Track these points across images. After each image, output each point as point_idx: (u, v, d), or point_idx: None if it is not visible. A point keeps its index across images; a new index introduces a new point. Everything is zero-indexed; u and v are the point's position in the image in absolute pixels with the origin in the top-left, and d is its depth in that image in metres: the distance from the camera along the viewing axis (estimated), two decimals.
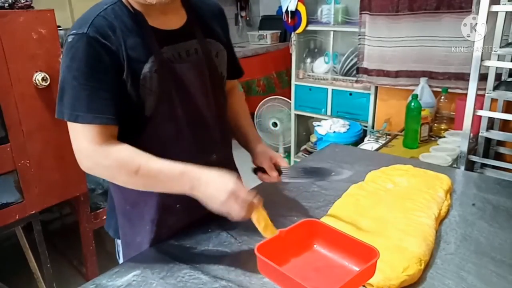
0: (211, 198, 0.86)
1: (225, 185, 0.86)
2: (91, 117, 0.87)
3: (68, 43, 0.87)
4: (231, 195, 0.84)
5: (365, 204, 1.06)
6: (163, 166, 0.88)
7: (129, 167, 0.87)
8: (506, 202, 1.12)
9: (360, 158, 1.46)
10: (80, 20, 0.89)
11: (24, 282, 2.08)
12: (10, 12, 1.59)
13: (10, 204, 1.68)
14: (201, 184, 0.87)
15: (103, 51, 0.86)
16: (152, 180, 0.89)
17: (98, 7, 0.91)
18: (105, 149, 0.88)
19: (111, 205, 1.10)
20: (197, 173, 0.88)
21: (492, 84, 1.80)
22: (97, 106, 0.87)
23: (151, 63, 0.90)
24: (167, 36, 0.94)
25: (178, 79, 0.95)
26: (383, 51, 2.41)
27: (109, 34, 0.87)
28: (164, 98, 0.93)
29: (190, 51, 0.98)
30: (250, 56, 4.29)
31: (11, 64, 1.59)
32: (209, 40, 1.03)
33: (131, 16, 0.91)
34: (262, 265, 0.73)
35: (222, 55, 1.06)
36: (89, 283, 0.88)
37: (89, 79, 0.86)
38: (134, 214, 1.02)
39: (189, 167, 0.88)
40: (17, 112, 1.63)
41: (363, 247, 0.73)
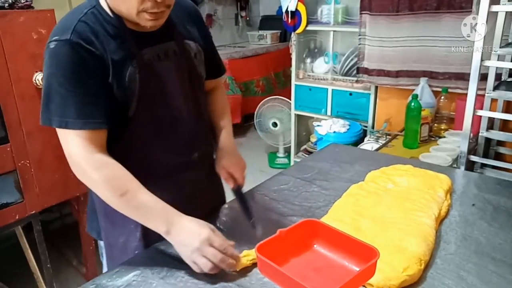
0: (183, 244, 0.87)
1: (199, 233, 0.86)
2: (82, 122, 0.87)
3: (51, 50, 0.87)
4: (204, 243, 0.85)
5: (365, 204, 1.06)
6: (148, 200, 0.89)
7: (116, 188, 0.88)
8: (506, 202, 1.12)
9: (360, 158, 1.46)
10: (61, 26, 0.89)
11: (24, 282, 2.08)
12: (10, 12, 1.59)
13: (10, 204, 1.68)
14: (176, 230, 0.88)
15: (87, 56, 0.87)
16: (133, 209, 0.90)
17: (77, 12, 0.91)
18: (97, 161, 0.89)
19: (91, 206, 1.10)
20: (176, 218, 0.89)
21: (492, 84, 1.80)
22: (86, 111, 0.87)
23: (133, 65, 0.91)
24: (146, 38, 0.95)
25: (159, 80, 0.96)
26: (384, 51, 2.41)
27: (92, 39, 0.88)
28: (146, 99, 0.94)
29: (169, 52, 0.99)
30: (250, 56, 4.30)
31: (11, 64, 1.59)
32: (187, 42, 1.03)
33: (110, 20, 0.91)
34: (262, 265, 0.73)
35: (200, 56, 1.07)
36: (89, 283, 0.88)
37: (76, 85, 0.86)
38: (116, 215, 0.98)
39: (173, 211, 0.90)
40: (17, 112, 1.63)
41: (363, 247, 0.73)
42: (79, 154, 0.88)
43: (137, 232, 1.00)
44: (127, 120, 0.94)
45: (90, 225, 1.14)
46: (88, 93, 0.88)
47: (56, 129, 0.89)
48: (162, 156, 1.01)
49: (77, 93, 0.87)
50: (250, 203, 1.07)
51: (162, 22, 0.92)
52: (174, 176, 1.03)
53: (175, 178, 1.03)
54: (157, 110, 0.97)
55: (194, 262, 0.86)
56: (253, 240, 0.85)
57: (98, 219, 1.07)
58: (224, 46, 4.70)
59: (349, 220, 0.98)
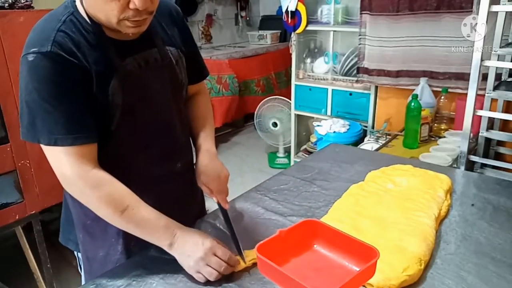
0: (187, 255, 0.86)
1: (202, 243, 0.87)
2: (72, 138, 0.83)
3: (30, 62, 0.81)
4: (208, 252, 0.85)
5: (365, 204, 1.06)
6: (150, 215, 0.87)
7: (116, 205, 0.85)
8: (506, 202, 1.12)
9: (360, 158, 1.46)
10: (38, 37, 0.83)
11: (24, 282, 2.08)
12: (10, 12, 1.59)
13: (10, 204, 1.69)
14: (179, 242, 0.87)
15: (70, 68, 0.82)
16: (134, 224, 0.87)
17: (54, 19, 0.85)
18: (94, 179, 0.85)
19: (67, 217, 1.06)
20: (179, 231, 0.88)
21: (492, 84, 1.80)
22: (75, 126, 0.83)
23: (116, 78, 0.87)
24: (127, 47, 0.90)
25: (142, 91, 0.93)
26: (384, 51, 2.41)
27: (74, 50, 0.83)
28: (129, 111, 0.91)
29: (150, 61, 0.94)
30: (250, 56, 4.30)
31: (11, 64, 1.59)
32: (168, 48, 0.99)
33: (89, 29, 0.86)
34: (262, 265, 0.73)
35: (181, 62, 1.02)
36: (89, 283, 0.88)
37: (61, 100, 0.82)
38: (96, 228, 0.98)
39: (174, 223, 0.89)
40: (17, 112, 1.62)
41: (363, 247, 0.73)
42: (74, 173, 0.84)
43: (118, 245, 0.98)
44: (110, 132, 0.91)
45: (66, 236, 1.09)
46: (74, 107, 0.84)
47: (43, 146, 0.85)
48: (145, 167, 0.98)
49: (63, 108, 0.82)
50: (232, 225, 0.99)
51: (144, 28, 0.88)
52: (157, 186, 1.00)
53: (157, 188, 1.00)
54: (141, 122, 0.95)
55: (198, 271, 0.85)
56: (253, 240, 0.85)
57: (74, 231, 1.03)
58: (224, 46, 4.70)
59: (349, 220, 0.98)
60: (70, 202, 1.02)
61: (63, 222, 1.11)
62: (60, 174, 0.86)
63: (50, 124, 0.82)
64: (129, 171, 0.94)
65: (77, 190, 0.88)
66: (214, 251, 0.86)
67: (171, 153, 1.03)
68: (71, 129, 0.83)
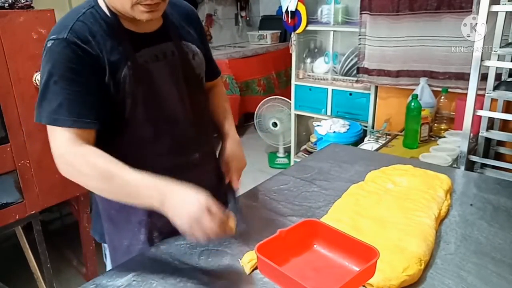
0: (180, 211, 0.82)
1: (197, 198, 0.82)
2: (71, 121, 0.86)
3: (48, 48, 0.88)
4: (203, 209, 0.81)
5: (365, 204, 1.06)
6: (137, 176, 0.85)
7: (103, 173, 0.85)
8: (506, 202, 1.12)
9: (360, 158, 1.46)
10: (59, 25, 0.90)
11: (24, 282, 2.08)
12: (10, 12, 1.59)
13: (10, 204, 1.68)
14: (172, 198, 0.83)
15: (83, 55, 0.87)
16: (123, 189, 0.86)
17: (75, 11, 0.91)
18: (81, 152, 0.87)
19: (96, 210, 1.09)
20: (169, 187, 0.85)
21: (492, 84, 1.80)
22: (78, 110, 0.87)
23: (127, 67, 0.91)
24: (143, 39, 0.95)
25: (153, 82, 0.96)
26: (384, 51, 2.41)
27: (89, 39, 0.88)
28: (140, 101, 0.93)
29: (167, 53, 0.98)
30: (250, 56, 4.30)
31: (11, 64, 1.59)
32: (185, 43, 1.03)
33: (108, 20, 0.91)
34: (262, 265, 0.73)
35: (199, 57, 1.06)
36: (89, 283, 0.88)
37: (71, 83, 0.86)
38: (120, 218, 1.01)
39: (163, 181, 0.85)
40: (17, 112, 1.63)
41: (363, 247, 0.73)
42: (62, 147, 0.87)
43: (140, 234, 1.00)
44: (123, 122, 0.94)
45: (94, 228, 1.14)
46: (83, 92, 0.88)
47: (47, 127, 0.89)
48: (158, 157, 1.00)
49: (70, 91, 0.86)
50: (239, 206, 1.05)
51: (158, 14, 0.92)
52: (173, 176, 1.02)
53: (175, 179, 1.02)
54: (152, 112, 0.96)
55: (192, 232, 0.81)
56: (253, 240, 0.85)
57: (101, 222, 1.07)
58: (224, 46, 4.70)
59: (349, 220, 0.98)
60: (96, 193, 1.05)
61: (93, 215, 1.16)
62: (53, 153, 0.89)
63: (55, 105, 0.86)
64: (143, 160, 0.95)
65: (65, 165, 0.88)
66: (208, 208, 0.81)
67: (186, 144, 1.04)
68: (72, 112, 0.86)
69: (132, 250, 1.01)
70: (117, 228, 1.03)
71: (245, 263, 0.89)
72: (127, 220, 1.00)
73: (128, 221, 1.00)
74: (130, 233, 1.01)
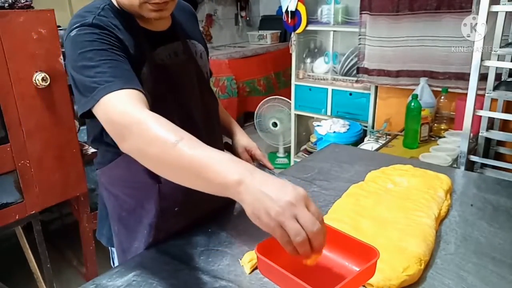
0: (267, 196, 0.59)
1: (293, 187, 0.61)
2: (121, 82, 0.77)
3: (73, 37, 0.83)
4: (301, 200, 0.59)
5: (365, 204, 1.06)
6: (211, 149, 0.68)
7: (168, 135, 0.68)
8: (506, 202, 1.12)
9: (360, 158, 1.46)
10: (79, 18, 0.86)
11: (24, 282, 2.08)
12: (10, 12, 1.58)
13: (10, 204, 1.68)
14: (257, 178, 0.61)
15: (112, 36, 0.85)
16: (189, 159, 0.66)
17: (93, 8, 0.89)
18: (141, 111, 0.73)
19: (103, 213, 1.09)
20: (250, 165, 0.65)
21: (492, 84, 1.80)
22: (122, 74, 0.80)
23: (147, 64, 0.91)
24: (158, 37, 0.95)
25: (171, 80, 0.96)
26: (384, 51, 2.41)
27: (114, 28, 0.87)
28: (158, 100, 0.91)
29: (178, 52, 0.99)
30: (250, 56, 4.30)
31: (11, 64, 1.59)
32: (191, 42, 1.04)
33: (124, 17, 0.91)
34: (262, 265, 0.73)
35: (204, 56, 1.08)
36: (89, 283, 0.88)
37: (107, 55, 0.81)
38: (131, 220, 1.01)
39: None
40: (17, 112, 1.63)
41: (363, 247, 0.73)
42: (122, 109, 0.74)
43: (150, 237, 0.99)
44: None
45: (100, 231, 1.13)
46: (120, 62, 0.82)
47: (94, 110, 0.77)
48: None
49: (108, 60, 0.80)
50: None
51: (167, 14, 0.91)
52: None
53: None
54: (169, 111, 0.91)
55: (281, 224, 0.59)
56: (253, 240, 0.85)
57: (108, 225, 1.06)
58: (224, 46, 4.70)
59: (349, 220, 0.98)
60: (106, 195, 1.04)
61: (99, 218, 1.14)
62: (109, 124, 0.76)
63: (96, 76, 0.78)
64: None
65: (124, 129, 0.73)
66: (307, 202, 0.61)
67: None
68: (118, 75, 0.79)
69: (139, 252, 1.00)
70: (127, 230, 1.02)
71: (245, 263, 0.89)
72: (139, 222, 0.99)
73: (140, 223, 0.99)
74: (140, 234, 1.00)
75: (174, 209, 1.00)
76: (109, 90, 0.76)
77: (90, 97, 0.77)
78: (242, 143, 1.20)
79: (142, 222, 0.99)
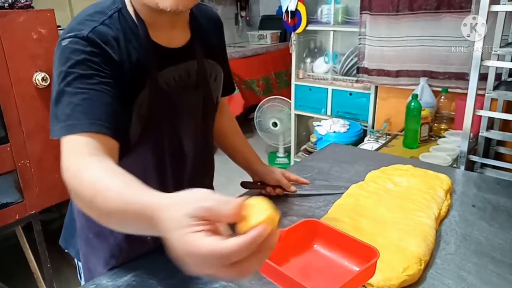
0: (166, 230, 0.50)
1: (189, 200, 0.50)
2: (88, 123, 0.70)
3: (63, 46, 0.75)
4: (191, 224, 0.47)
5: (365, 204, 1.06)
6: (117, 199, 0.57)
7: (88, 191, 0.62)
8: (506, 202, 1.12)
9: (360, 158, 1.46)
10: (78, 24, 0.77)
11: (24, 282, 2.08)
12: (10, 12, 1.59)
13: (10, 204, 1.68)
14: (159, 226, 0.51)
15: (105, 57, 0.75)
16: (106, 216, 0.61)
17: (100, 11, 0.79)
18: (83, 163, 0.66)
19: (71, 222, 1.02)
20: (157, 206, 0.52)
21: (492, 84, 1.81)
22: (98, 112, 0.71)
23: (147, 88, 0.81)
24: (169, 56, 0.85)
25: (171, 109, 0.86)
26: (384, 51, 2.41)
27: (113, 43, 0.76)
28: (152, 128, 0.84)
29: (191, 73, 0.89)
30: (250, 56, 4.30)
31: (11, 64, 1.59)
32: (209, 61, 0.94)
33: (134, 30, 0.80)
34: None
35: (219, 78, 0.98)
36: (89, 283, 0.88)
37: (89, 84, 0.72)
38: (97, 243, 0.94)
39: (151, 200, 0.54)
40: (17, 112, 1.63)
41: (363, 247, 0.73)
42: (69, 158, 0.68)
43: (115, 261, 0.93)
44: (127, 147, 0.80)
45: (67, 241, 1.06)
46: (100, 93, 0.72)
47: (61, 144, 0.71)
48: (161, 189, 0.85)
49: (87, 90, 0.71)
50: None
51: (186, 2, 0.76)
52: None
53: None
54: (162, 141, 0.87)
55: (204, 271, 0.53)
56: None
57: (77, 238, 1.01)
58: None
59: (349, 220, 0.98)
60: (76, 211, 0.99)
61: (66, 225, 1.06)
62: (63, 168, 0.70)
63: (69, 109, 0.71)
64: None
65: (68, 184, 0.68)
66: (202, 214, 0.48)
67: (190, 178, 0.96)
68: (89, 114, 0.70)
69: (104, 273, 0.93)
70: (94, 252, 0.95)
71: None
72: (106, 246, 0.93)
73: (107, 248, 0.93)
74: (106, 258, 0.93)
75: (147, 237, 0.93)
76: (71, 131, 0.69)
77: (57, 129, 0.72)
78: (278, 170, 1.16)
79: (109, 246, 0.93)
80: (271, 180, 1.15)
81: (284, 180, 1.16)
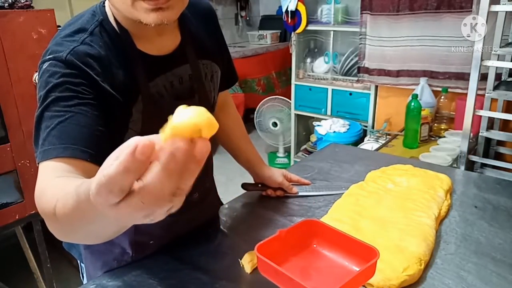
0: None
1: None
2: (62, 148, 0.67)
3: (44, 70, 0.73)
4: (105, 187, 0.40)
5: (365, 204, 1.06)
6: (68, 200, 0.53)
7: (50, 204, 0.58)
8: (506, 202, 1.12)
9: (360, 158, 1.46)
10: (58, 46, 0.75)
11: (24, 282, 2.08)
12: (10, 12, 1.59)
13: (10, 204, 1.68)
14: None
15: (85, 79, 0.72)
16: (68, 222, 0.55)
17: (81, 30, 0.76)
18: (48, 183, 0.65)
19: None
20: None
21: (492, 84, 1.81)
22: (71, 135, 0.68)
23: (138, 103, 0.78)
24: (158, 64, 0.81)
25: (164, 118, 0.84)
26: (384, 51, 2.42)
27: (94, 65, 0.73)
28: None
29: (184, 78, 0.86)
30: (250, 56, 4.30)
31: (11, 64, 1.59)
32: (203, 62, 0.90)
33: (117, 41, 0.76)
34: (262, 265, 0.73)
35: (216, 76, 0.95)
36: (89, 283, 0.88)
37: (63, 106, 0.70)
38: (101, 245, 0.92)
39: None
40: (17, 112, 1.63)
41: (363, 247, 0.73)
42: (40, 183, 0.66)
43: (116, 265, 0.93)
44: None
45: (70, 243, 1.05)
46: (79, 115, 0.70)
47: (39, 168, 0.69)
48: None
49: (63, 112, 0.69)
50: None
51: (170, 16, 0.72)
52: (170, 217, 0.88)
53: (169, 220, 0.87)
54: None
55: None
56: (253, 240, 0.85)
57: None
58: None
59: (349, 220, 0.98)
60: None
61: None
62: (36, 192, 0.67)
63: (45, 134, 0.69)
64: None
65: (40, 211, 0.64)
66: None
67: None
68: (64, 138, 0.67)
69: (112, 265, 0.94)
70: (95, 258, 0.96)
71: (245, 263, 0.89)
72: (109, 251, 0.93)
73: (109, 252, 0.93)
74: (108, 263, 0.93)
75: (149, 242, 0.95)
76: (46, 157, 0.67)
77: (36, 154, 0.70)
78: (279, 172, 1.17)
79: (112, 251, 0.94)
80: (273, 182, 1.16)
81: (285, 183, 1.16)
